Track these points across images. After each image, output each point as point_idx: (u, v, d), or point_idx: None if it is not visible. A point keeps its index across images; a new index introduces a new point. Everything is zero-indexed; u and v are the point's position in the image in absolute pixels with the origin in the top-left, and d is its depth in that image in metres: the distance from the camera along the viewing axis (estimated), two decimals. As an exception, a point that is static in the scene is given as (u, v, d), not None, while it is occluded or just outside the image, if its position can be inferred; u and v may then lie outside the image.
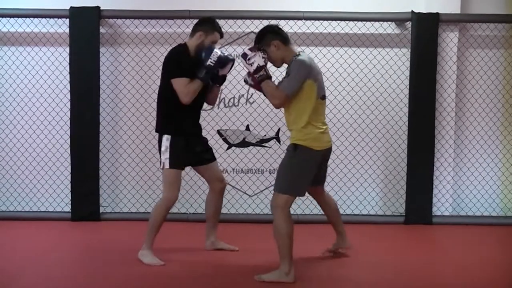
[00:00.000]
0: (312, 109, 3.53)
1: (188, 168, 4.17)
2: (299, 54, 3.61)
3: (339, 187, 5.40)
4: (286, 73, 3.60)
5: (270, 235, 3.81)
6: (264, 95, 3.75)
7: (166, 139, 3.88)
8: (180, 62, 3.83)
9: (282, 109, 3.70)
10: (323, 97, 3.64)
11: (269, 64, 3.70)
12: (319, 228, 4.67)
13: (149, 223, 3.92)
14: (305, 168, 3.55)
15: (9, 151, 5.39)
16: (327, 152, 3.68)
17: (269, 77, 3.61)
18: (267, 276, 3.53)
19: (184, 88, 3.77)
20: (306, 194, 3.73)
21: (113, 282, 3.50)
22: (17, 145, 5.39)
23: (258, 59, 3.58)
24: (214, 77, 3.97)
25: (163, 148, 3.88)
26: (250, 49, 3.64)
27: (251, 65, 3.59)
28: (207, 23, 3.93)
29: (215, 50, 3.82)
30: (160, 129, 3.95)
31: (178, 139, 3.87)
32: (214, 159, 4.16)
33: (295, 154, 3.53)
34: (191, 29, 5.28)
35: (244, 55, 3.62)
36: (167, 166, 3.87)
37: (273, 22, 5.20)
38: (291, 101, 3.55)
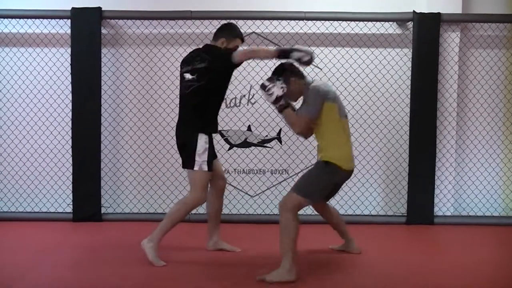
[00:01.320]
0: (339, 128, 3.70)
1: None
2: (312, 82, 3.75)
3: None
4: (303, 100, 3.74)
5: (272, 236, 3.83)
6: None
7: (204, 141, 3.83)
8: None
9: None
10: (346, 117, 3.80)
11: None
12: (320, 228, 4.66)
13: (167, 218, 3.86)
14: (329, 182, 3.71)
15: (11, 151, 5.39)
16: (351, 174, 3.80)
17: (288, 106, 3.74)
18: (269, 277, 3.53)
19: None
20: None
21: (114, 283, 3.50)
22: (19, 146, 5.39)
23: (276, 90, 3.67)
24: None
25: (200, 150, 3.81)
26: (268, 80, 3.73)
27: (271, 96, 3.69)
28: (229, 29, 4.01)
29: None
30: (195, 127, 3.85)
31: (210, 138, 3.88)
32: (216, 156, 4.17)
33: (325, 170, 3.66)
34: (193, 29, 5.32)
35: (263, 86, 3.71)
36: (205, 168, 3.83)
37: (275, 22, 5.24)
38: (321, 127, 3.70)
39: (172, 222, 3.87)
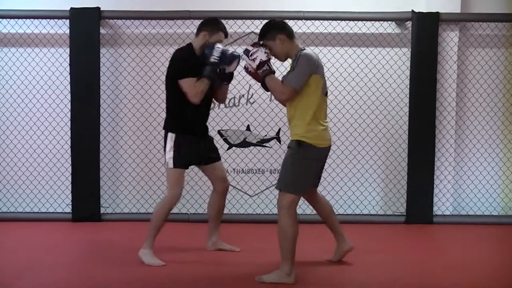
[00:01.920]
0: (318, 104, 3.50)
1: (189, 168, 4.17)
2: (304, 49, 3.56)
3: (339, 186, 5.41)
4: (291, 67, 3.53)
5: (271, 235, 3.82)
6: (265, 89, 3.72)
7: (170, 139, 3.90)
8: (186, 62, 3.84)
9: (283, 107, 3.65)
10: (326, 93, 3.61)
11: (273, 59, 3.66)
12: (320, 228, 4.66)
13: (151, 222, 3.93)
14: (309, 166, 3.52)
15: (10, 152, 5.39)
16: (328, 150, 3.62)
17: (273, 72, 3.57)
18: (268, 277, 3.52)
19: (192, 88, 3.79)
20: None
21: (114, 283, 3.50)
22: (18, 146, 5.39)
23: (260, 54, 3.53)
24: (221, 75, 3.96)
25: (167, 147, 3.89)
26: (252, 45, 3.61)
27: (254, 61, 3.54)
28: (211, 23, 3.95)
29: (217, 45, 3.80)
30: (166, 127, 3.97)
31: (182, 138, 3.89)
32: (219, 158, 4.17)
33: (299, 151, 3.46)
34: (191, 29, 5.31)
35: (246, 51, 3.58)
36: (170, 165, 3.88)
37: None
38: (299, 98, 3.48)
39: (157, 225, 3.91)
